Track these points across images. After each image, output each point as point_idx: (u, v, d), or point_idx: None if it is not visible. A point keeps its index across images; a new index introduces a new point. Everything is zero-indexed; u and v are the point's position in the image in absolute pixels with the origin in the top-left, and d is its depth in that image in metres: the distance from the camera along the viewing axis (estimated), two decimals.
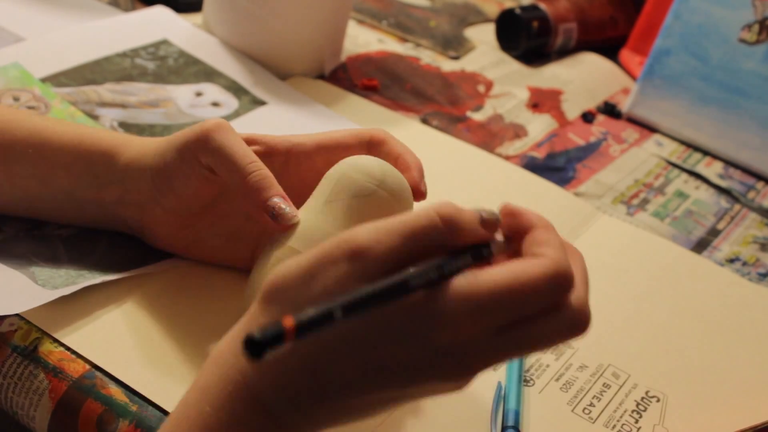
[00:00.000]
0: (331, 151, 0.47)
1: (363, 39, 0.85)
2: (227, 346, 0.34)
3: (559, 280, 0.33)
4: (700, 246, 0.65)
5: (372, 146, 0.48)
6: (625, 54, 0.91)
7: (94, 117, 0.61)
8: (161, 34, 0.72)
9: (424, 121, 0.73)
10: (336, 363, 0.32)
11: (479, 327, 0.32)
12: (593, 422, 0.46)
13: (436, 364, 0.32)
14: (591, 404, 0.47)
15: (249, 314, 0.34)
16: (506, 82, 0.83)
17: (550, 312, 0.33)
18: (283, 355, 0.32)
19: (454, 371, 0.33)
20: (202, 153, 0.44)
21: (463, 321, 0.32)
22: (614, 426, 0.46)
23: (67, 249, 0.49)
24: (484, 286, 0.32)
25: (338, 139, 0.48)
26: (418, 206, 0.40)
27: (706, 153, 0.78)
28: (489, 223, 0.35)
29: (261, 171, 0.44)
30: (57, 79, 0.64)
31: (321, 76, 0.75)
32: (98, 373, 0.43)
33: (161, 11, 0.75)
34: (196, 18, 0.78)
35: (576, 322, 0.34)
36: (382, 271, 0.32)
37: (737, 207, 0.71)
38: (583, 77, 0.86)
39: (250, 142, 0.46)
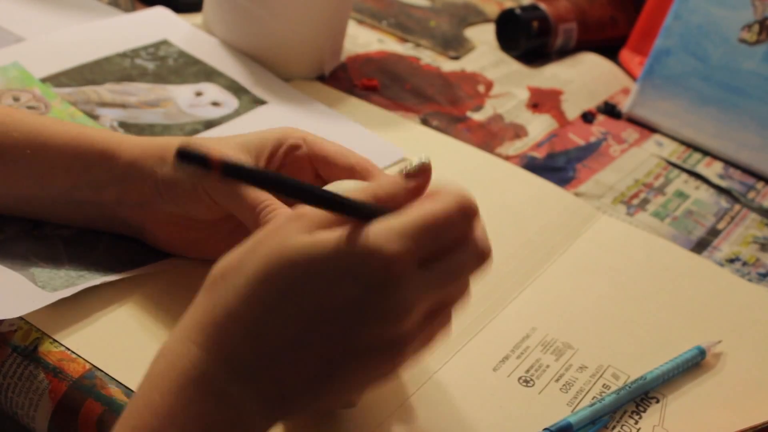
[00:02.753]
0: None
1: (363, 39, 0.85)
2: (174, 338, 0.35)
3: (466, 209, 0.36)
4: (700, 246, 0.65)
5: (289, 151, 0.48)
6: (625, 54, 0.91)
7: (95, 117, 0.61)
8: (161, 34, 0.72)
9: (424, 121, 0.73)
10: (275, 319, 0.34)
11: (406, 260, 0.34)
12: (594, 423, 0.46)
13: (372, 301, 0.34)
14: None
15: (193, 304, 0.36)
16: (506, 82, 0.83)
17: (461, 243, 0.37)
18: (226, 326, 0.34)
19: (392, 310, 0.34)
20: (213, 193, 0.45)
21: (391, 253, 0.33)
22: (614, 427, 0.46)
23: (67, 249, 0.49)
24: (405, 220, 0.34)
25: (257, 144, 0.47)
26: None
27: (706, 153, 0.78)
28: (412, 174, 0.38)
29: (274, 212, 0.42)
30: (57, 80, 0.64)
31: (321, 77, 0.75)
32: (98, 373, 0.43)
33: (161, 12, 0.75)
34: (196, 18, 0.78)
35: (482, 252, 0.38)
36: (321, 225, 0.35)
37: (737, 207, 0.71)
38: (583, 77, 0.86)
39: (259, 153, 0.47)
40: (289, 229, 0.35)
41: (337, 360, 0.34)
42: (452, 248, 0.36)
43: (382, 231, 0.34)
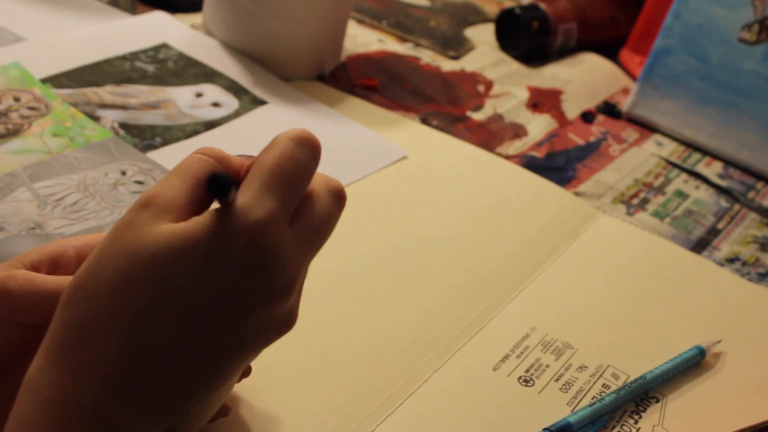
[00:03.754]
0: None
1: (363, 39, 0.85)
2: (38, 367, 0.31)
3: (303, 140, 0.33)
4: (700, 246, 0.65)
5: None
6: (625, 54, 0.91)
7: (95, 118, 0.61)
8: (161, 38, 0.73)
9: (424, 120, 0.73)
10: (148, 326, 0.30)
11: (276, 222, 0.31)
12: (594, 423, 0.46)
13: (253, 283, 0.31)
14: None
15: (51, 326, 0.31)
16: (506, 82, 0.83)
17: (312, 195, 0.34)
18: (94, 343, 0.30)
19: (276, 286, 0.31)
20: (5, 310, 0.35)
21: (259, 221, 0.30)
22: (614, 426, 0.46)
23: None
24: (254, 179, 0.32)
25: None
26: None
27: (705, 153, 0.78)
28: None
29: None
30: (57, 80, 0.64)
31: (321, 77, 0.75)
32: None
33: (160, 16, 0.76)
34: (195, 18, 0.78)
35: (336, 189, 0.34)
36: (176, 211, 0.31)
37: (737, 207, 0.71)
38: (583, 77, 0.86)
39: (35, 267, 0.37)
40: (141, 220, 0.31)
41: (225, 352, 0.32)
42: (307, 200, 0.33)
43: (241, 203, 0.31)
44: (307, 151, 0.33)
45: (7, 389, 0.35)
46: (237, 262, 0.30)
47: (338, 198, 0.35)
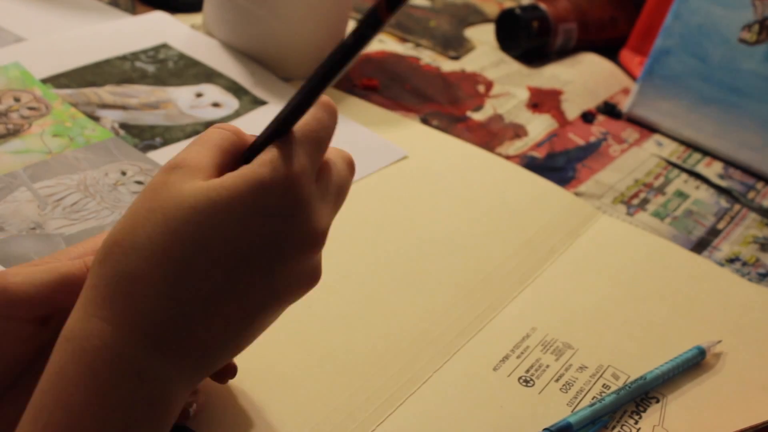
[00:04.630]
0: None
1: None
2: (77, 318, 0.31)
3: (328, 106, 0.35)
4: (700, 246, 0.65)
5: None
6: (625, 54, 0.91)
7: (95, 119, 0.61)
8: (161, 38, 0.73)
9: (424, 121, 0.73)
10: (189, 276, 0.31)
11: (308, 175, 0.33)
12: (594, 423, 0.46)
13: (289, 231, 0.32)
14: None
15: (88, 280, 0.32)
16: (506, 82, 0.83)
17: (329, 161, 0.35)
18: (135, 293, 0.30)
19: (309, 235, 0.33)
20: (17, 310, 0.35)
21: (295, 174, 0.32)
22: (614, 427, 0.46)
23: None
24: (293, 134, 0.33)
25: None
26: None
27: (706, 153, 0.78)
28: None
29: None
30: (57, 80, 0.64)
31: None
32: None
33: (161, 16, 0.76)
34: (195, 18, 0.78)
35: (347, 158, 0.37)
36: (206, 171, 0.32)
37: (737, 207, 0.71)
38: (583, 77, 0.86)
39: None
40: (174, 179, 0.32)
41: (261, 303, 0.33)
42: (327, 162, 0.35)
43: (275, 157, 0.32)
44: (330, 114, 0.35)
45: (17, 401, 0.34)
46: (274, 211, 0.32)
47: (351, 166, 0.37)
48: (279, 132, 0.34)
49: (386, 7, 0.29)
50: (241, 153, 0.35)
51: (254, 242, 0.32)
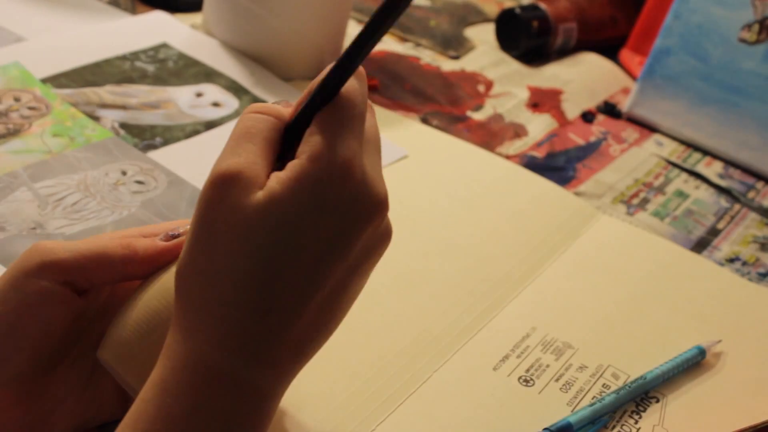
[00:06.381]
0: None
1: None
2: (172, 341, 0.33)
3: (358, 73, 0.34)
4: (700, 246, 0.65)
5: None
6: (625, 54, 0.91)
7: (95, 118, 0.61)
8: (161, 37, 0.73)
9: (424, 120, 0.73)
10: (276, 287, 0.32)
11: (353, 151, 0.33)
12: (594, 423, 0.46)
13: (346, 196, 0.33)
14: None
15: (176, 305, 0.33)
16: (506, 81, 0.83)
17: (364, 124, 0.35)
18: (228, 314, 0.32)
19: (363, 195, 0.33)
20: (56, 272, 0.36)
21: (335, 143, 0.32)
22: (614, 426, 0.46)
23: None
24: (337, 109, 0.33)
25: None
26: None
27: (706, 153, 0.78)
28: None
29: (135, 241, 0.37)
30: (57, 80, 0.64)
31: None
32: None
33: (160, 16, 0.76)
34: (195, 18, 0.78)
35: (374, 123, 0.36)
36: (262, 178, 0.32)
37: (737, 207, 0.71)
38: (583, 77, 0.86)
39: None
40: (234, 197, 0.32)
41: (342, 286, 0.34)
42: (361, 127, 0.35)
43: (323, 148, 0.32)
44: (361, 81, 0.34)
45: (66, 380, 0.37)
46: (338, 203, 0.32)
47: (372, 109, 0.36)
48: (324, 100, 0.33)
49: None
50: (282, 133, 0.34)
51: (327, 237, 0.32)
